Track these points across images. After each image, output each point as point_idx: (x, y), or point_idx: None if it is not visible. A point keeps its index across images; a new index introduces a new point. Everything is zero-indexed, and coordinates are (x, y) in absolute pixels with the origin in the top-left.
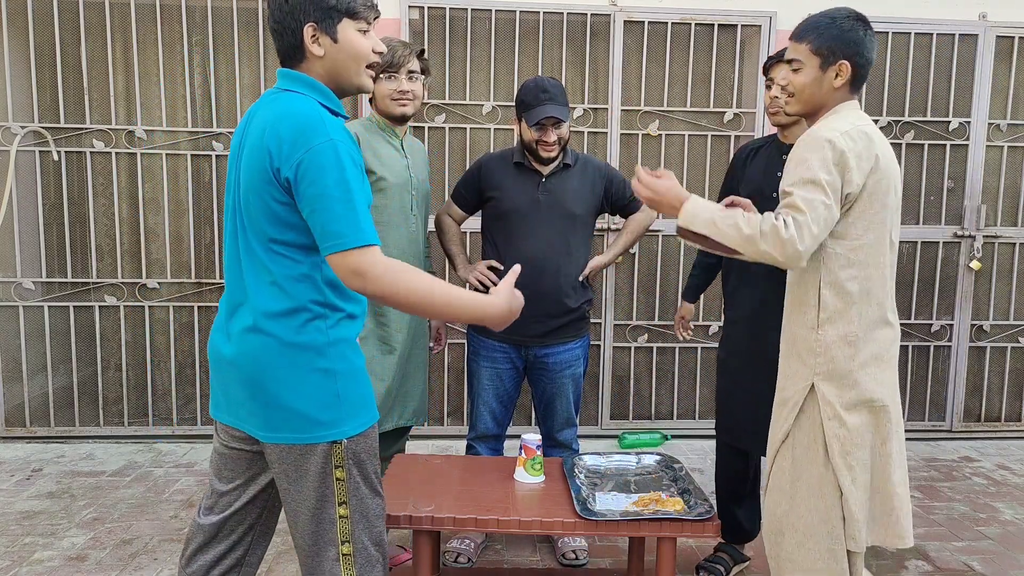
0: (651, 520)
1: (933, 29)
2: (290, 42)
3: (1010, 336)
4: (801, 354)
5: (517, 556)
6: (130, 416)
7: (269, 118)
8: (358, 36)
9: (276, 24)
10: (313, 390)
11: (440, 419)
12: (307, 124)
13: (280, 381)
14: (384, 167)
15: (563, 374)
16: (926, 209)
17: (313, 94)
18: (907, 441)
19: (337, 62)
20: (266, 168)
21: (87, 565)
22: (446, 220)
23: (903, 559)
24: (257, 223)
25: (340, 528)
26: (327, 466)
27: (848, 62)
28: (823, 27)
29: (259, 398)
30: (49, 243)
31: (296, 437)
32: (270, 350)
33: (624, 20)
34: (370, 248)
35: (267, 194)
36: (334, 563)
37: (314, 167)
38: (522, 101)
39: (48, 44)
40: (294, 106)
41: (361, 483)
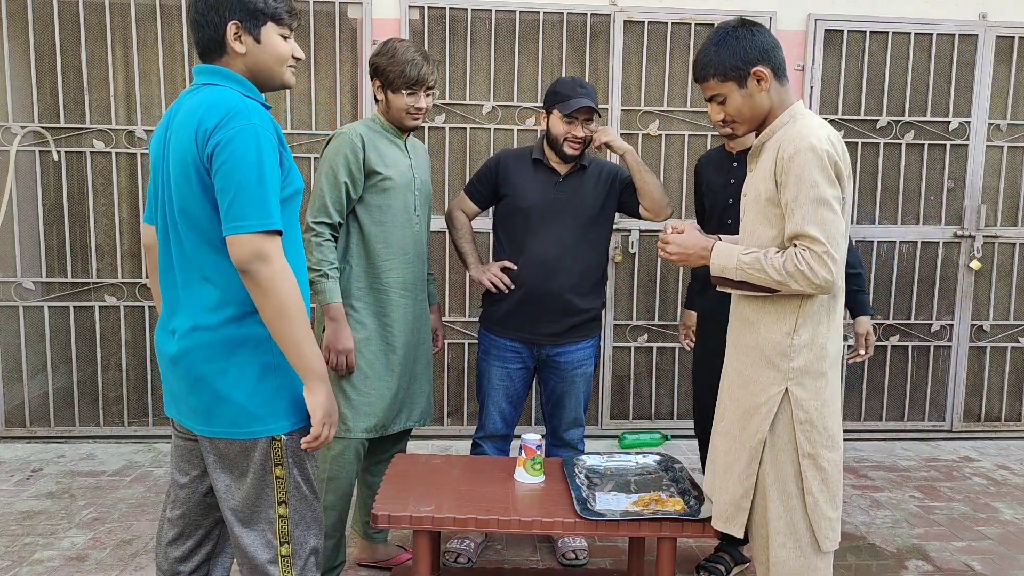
0: (651, 520)
1: (933, 29)
2: (211, 36)
3: (1010, 336)
4: (773, 360)
5: (517, 556)
6: (130, 416)
7: (192, 109)
8: (280, 40)
9: (198, 16)
10: (254, 384)
11: (440, 419)
12: (228, 109)
13: (221, 375)
14: (388, 167)
15: (574, 373)
16: (926, 209)
17: (233, 85)
18: (907, 441)
19: (259, 61)
20: (195, 158)
21: (87, 565)
22: (459, 215)
23: (903, 559)
24: (191, 219)
25: (279, 528)
26: (267, 463)
27: (759, 66)
28: (713, 58)
29: (201, 394)
30: (49, 243)
31: (236, 432)
32: (211, 345)
33: (624, 20)
34: (275, 235)
35: (198, 186)
36: (271, 564)
37: (230, 147)
38: (556, 92)
39: (48, 44)
40: (215, 95)
41: (301, 483)
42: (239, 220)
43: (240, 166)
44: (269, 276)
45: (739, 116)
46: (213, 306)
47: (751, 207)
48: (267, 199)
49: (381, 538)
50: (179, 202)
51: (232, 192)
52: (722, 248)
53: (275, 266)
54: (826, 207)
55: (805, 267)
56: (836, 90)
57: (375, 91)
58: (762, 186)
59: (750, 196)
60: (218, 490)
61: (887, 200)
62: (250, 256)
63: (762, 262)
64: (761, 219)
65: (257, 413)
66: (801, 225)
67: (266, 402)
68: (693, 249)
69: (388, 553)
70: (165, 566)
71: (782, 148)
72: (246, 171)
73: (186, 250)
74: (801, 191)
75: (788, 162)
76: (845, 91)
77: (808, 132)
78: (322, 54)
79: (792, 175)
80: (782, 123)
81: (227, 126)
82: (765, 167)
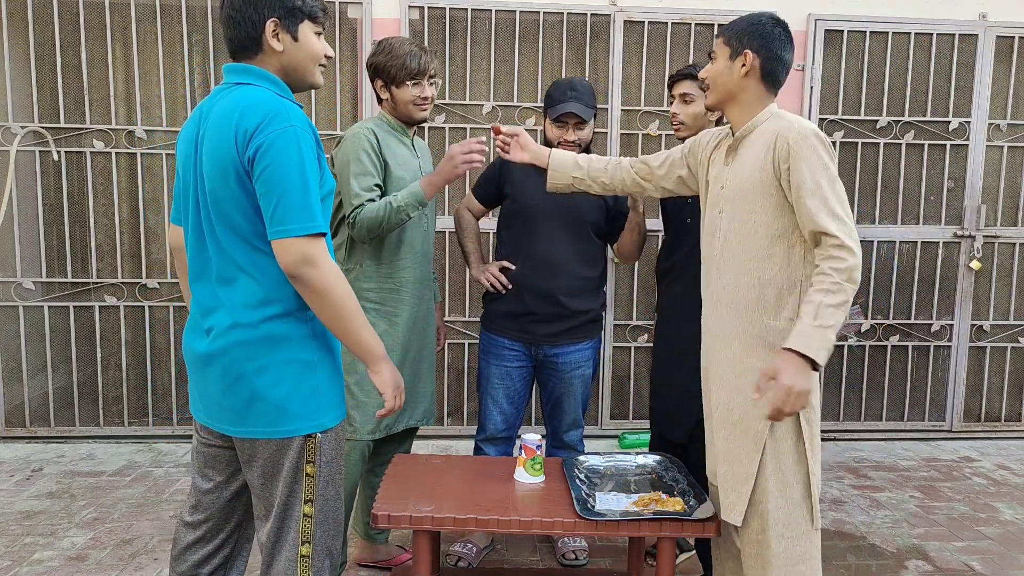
0: (651, 520)
1: (933, 29)
2: (248, 33)
3: (1010, 336)
4: (777, 345)
5: (517, 556)
6: (130, 416)
7: (229, 110)
8: (315, 38)
9: (234, 12)
10: (294, 382)
11: (440, 419)
12: (267, 111)
13: (260, 373)
14: (400, 167)
15: (572, 374)
16: (926, 209)
17: (267, 85)
18: (907, 441)
19: (295, 59)
20: (234, 159)
21: (87, 565)
22: (465, 215)
23: (903, 559)
24: (228, 218)
25: (303, 527)
26: (300, 461)
27: (753, 53)
28: (737, 23)
29: (238, 393)
30: (49, 243)
31: (273, 431)
32: (251, 343)
33: (624, 20)
34: (321, 237)
35: (237, 186)
36: (290, 564)
37: (273, 150)
38: (549, 96)
39: (48, 44)
40: (254, 96)
41: (328, 483)
42: (284, 224)
43: (283, 171)
44: (320, 279)
45: (713, 82)
46: (254, 304)
47: (733, 200)
48: (310, 202)
49: (382, 538)
50: (215, 202)
51: (276, 197)
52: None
53: (324, 268)
54: (838, 182)
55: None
56: (836, 90)
57: (378, 91)
58: (754, 176)
59: (730, 189)
60: (253, 488)
61: (887, 200)
62: (299, 261)
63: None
64: (750, 210)
65: (295, 411)
66: (818, 218)
67: (304, 400)
68: (796, 382)
69: (388, 553)
70: (182, 569)
71: (782, 136)
72: (289, 175)
73: (224, 249)
74: (816, 172)
75: (796, 145)
76: (845, 91)
77: (804, 122)
78: None
79: (803, 159)
80: (763, 119)
81: (268, 129)
82: (756, 157)
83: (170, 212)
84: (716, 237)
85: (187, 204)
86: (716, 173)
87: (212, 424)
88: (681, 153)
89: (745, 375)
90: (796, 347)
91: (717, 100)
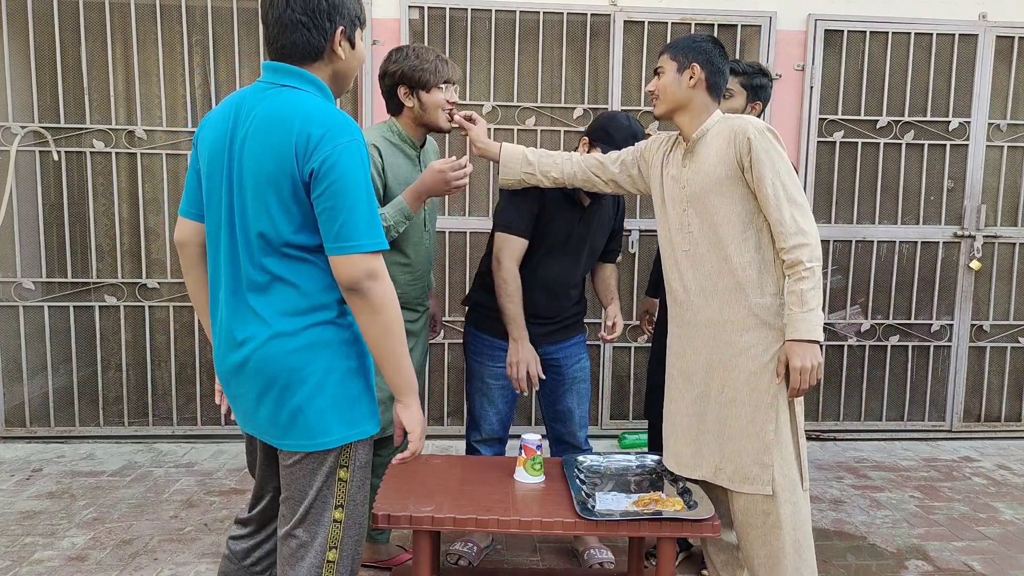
0: (651, 520)
1: (933, 29)
2: (316, 40)
3: (1010, 336)
4: (768, 321)
5: (517, 556)
6: (130, 416)
7: (284, 115)
8: (362, 45)
9: (305, 17)
10: (336, 391)
11: (440, 419)
12: (334, 123)
13: (303, 384)
14: (400, 184)
15: (574, 368)
16: (926, 209)
17: (315, 91)
18: (907, 441)
19: (350, 66)
20: (292, 169)
21: (87, 565)
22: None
23: (903, 559)
24: (276, 224)
25: (332, 533)
26: (335, 466)
27: (699, 66)
28: (681, 41)
29: (280, 405)
30: (49, 243)
31: (315, 444)
32: (292, 353)
33: (624, 20)
34: (382, 254)
35: (289, 195)
36: (316, 569)
37: (340, 164)
38: (610, 136)
39: (48, 44)
40: (312, 104)
41: (359, 489)
42: (351, 240)
43: (350, 187)
44: (380, 294)
45: (663, 93)
46: (293, 312)
47: (700, 196)
48: (374, 218)
49: (384, 538)
50: (257, 207)
51: (345, 212)
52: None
53: (385, 284)
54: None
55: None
56: (836, 90)
57: (401, 99)
58: (718, 170)
59: (694, 186)
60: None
61: (887, 200)
62: (364, 275)
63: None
64: (720, 201)
65: (335, 422)
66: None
67: (344, 409)
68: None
69: (389, 553)
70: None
71: (740, 132)
72: (356, 191)
73: (257, 255)
74: (776, 162)
75: (756, 140)
76: (845, 91)
77: (754, 119)
78: None
79: (763, 151)
80: (714, 122)
81: (333, 142)
82: (717, 154)
83: (175, 209)
84: (686, 232)
85: (212, 204)
86: (675, 174)
87: (256, 434)
88: (633, 156)
89: (742, 354)
90: (798, 336)
91: (667, 109)
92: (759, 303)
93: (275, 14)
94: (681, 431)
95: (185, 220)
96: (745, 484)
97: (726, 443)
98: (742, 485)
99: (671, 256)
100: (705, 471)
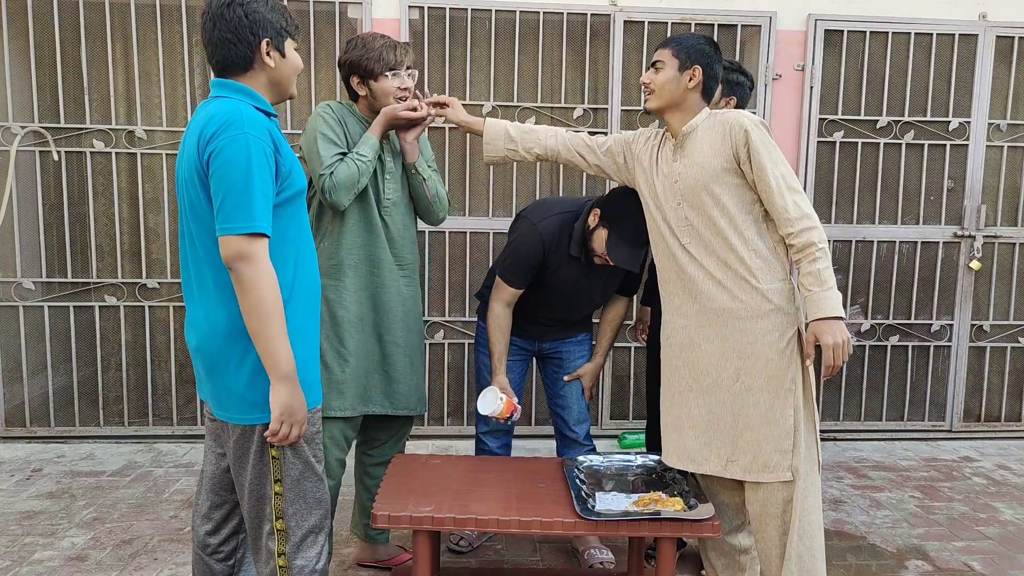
0: (651, 520)
1: (933, 29)
2: (242, 53)
3: (1010, 336)
4: (782, 306)
5: (517, 556)
6: (130, 416)
7: (200, 120)
8: (295, 53)
9: (230, 35)
10: (252, 374)
11: (440, 419)
12: (226, 119)
13: (225, 365)
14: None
15: (574, 363)
16: (926, 209)
17: (243, 98)
18: (907, 441)
19: (282, 74)
20: (196, 163)
21: (87, 565)
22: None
23: (903, 559)
24: (201, 218)
25: (274, 504)
26: (264, 445)
27: (700, 69)
28: (685, 39)
29: (213, 382)
30: (49, 243)
31: (240, 418)
32: (218, 337)
33: (624, 20)
34: (260, 237)
35: (201, 189)
36: (269, 537)
37: (223, 154)
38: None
39: (48, 44)
40: (221, 107)
41: (296, 462)
42: (226, 222)
43: (229, 172)
44: (250, 275)
45: (661, 89)
46: (219, 299)
47: (694, 190)
48: (253, 203)
49: (383, 539)
50: (189, 204)
51: (221, 196)
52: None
53: (258, 266)
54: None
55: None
56: (836, 90)
57: (355, 88)
58: (714, 163)
59: (688, 180)
60: (232, 466)
61: (887, 200)
62: (233, 255)
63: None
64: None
65: (255, 401)
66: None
67: (264, 391)
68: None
69: (388, 553)
70: (197, 540)
71: (736, 126)
72: (234, 177)
73: (196, 246)
74: (772, 153)
75: (752, 132)
76: (845, 91)
77: (745, 113)
78: (322, 54)
79: (760, 142)
80: (703, 117)
81: (222, 135)
82: (711, 147)
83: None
84: (685, 226)
85: (180, 207)
86: (667, 170)
87: (207, 402)
88: (620, 145)
89: (758, 341)
90: (823, 314)
91: (661, 105)
92: (772, 288)
93: (206, 35)
94: (688, 424)
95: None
96: (764, 473)
97: (740, 434)
98: (760, 474)
99: (667, 252)
100: (714, 465)
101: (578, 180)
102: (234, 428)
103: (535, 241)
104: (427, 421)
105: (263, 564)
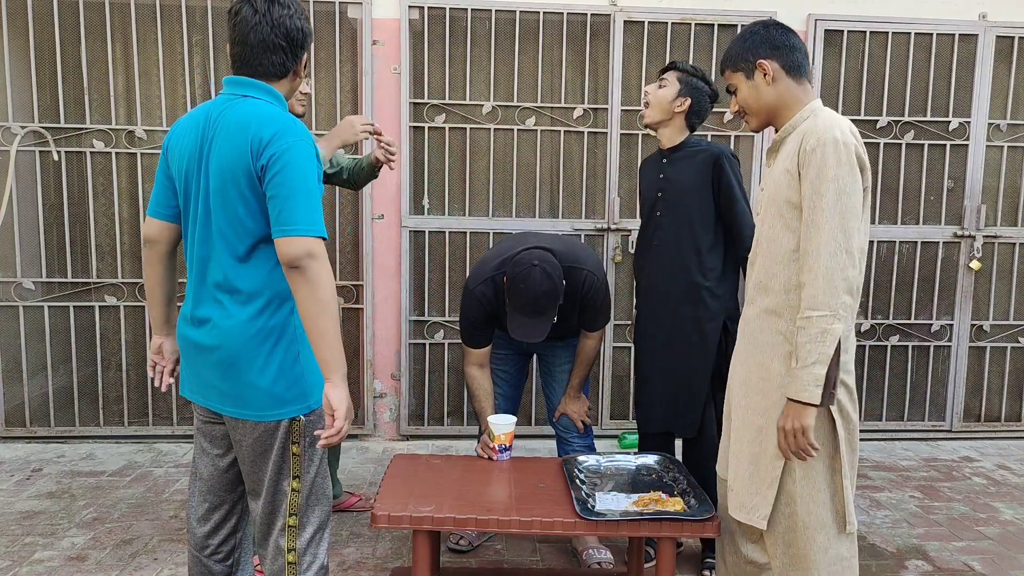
0: (651, 520)
1: (933, 29)
2: (284, 62)
3: (1010, 336)
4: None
5: (517, 556)
6: (130, 416)
7: (244, 120)
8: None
9: (283, 42)
10: (281, 370)
11: (440, 419)
12: (283, 123)
13: (250, 363)
14: None
15: (561, 368)
16: (926, 209)
17: (276, 103)
18: (907, 441)
19: (296, 87)
20: (248, 166)
21: (87, 565)
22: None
23: (903, 559)
24: (231, 217)
25: (291, 501)
26: (286, 441)
27: (764, 59)
28: (732, 49)
29: (234, 380)
30: (49, 243)
31: (265, 415)
32: (243, 335)
33: (624, 20)
34: (322, 241)
35: (246, 187)
36: (280, 533)
37: (285, 158)
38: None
39: (48, 44)
40: (266, 110)
41: (315, 459)
42: (291, 224)
43: (294, 175)
44: (318, 270)
45: (748, 108)
46: (246, 300)
47: (769, 207)
48: (317, 206)
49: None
50: (221, 202)
51: (284, 200)
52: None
53: (324, 264)
54: (847, 196)
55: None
56: (836, 90)
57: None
58: (782, 179)
59: (768, 193)
60: (244, 466)
61: (887, 200)
62: (302, 253)
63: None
64: (779, 224)
65: (283, 397)
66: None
67: (291, 387)
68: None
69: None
70: (194, 542)
71: (805, 140)
72: (300, 180)
73: (221, 246)
74: (823, 183)
75: (811, 154)
76: (845, 91)
77: (832, 124)
78: (322, 54)
79: (812, 167)
80: (803, 118)
81: (283, 139)
82: (786, 159)
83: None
84: (756, 241)
85: (189, 205)
86: (765, 174)
87: (209, 404)
88: None
89: (769, 379)
90: (787, 394)
91: (764, 121)
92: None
93: (257, 36)
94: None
95: (153, 219)
96: (740, 512)
97: (741, 465)
98: (737, 512)
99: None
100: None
101: (578, 180)
102: (254, 426)
103: (474, 305)
104: (427, 421)
105: (270, 561)
